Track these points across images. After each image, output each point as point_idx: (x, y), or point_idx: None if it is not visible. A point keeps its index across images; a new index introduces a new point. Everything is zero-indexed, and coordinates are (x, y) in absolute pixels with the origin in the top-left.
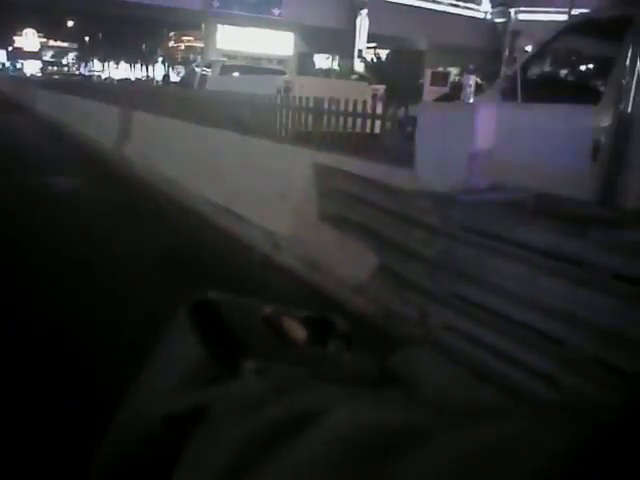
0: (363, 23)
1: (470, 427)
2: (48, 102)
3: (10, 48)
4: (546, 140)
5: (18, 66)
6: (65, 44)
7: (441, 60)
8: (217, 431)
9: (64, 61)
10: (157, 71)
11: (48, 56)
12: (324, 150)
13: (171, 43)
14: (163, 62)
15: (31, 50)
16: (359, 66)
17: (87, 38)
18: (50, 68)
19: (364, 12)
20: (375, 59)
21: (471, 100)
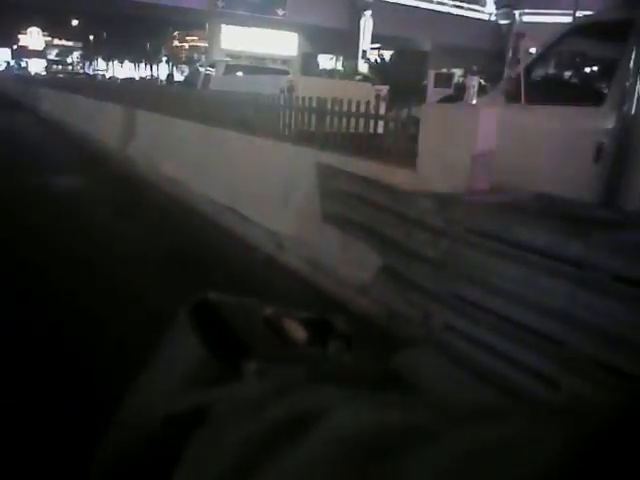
0: (367, 24)
1: (470, 427)
2: (52, 101)
3: (15, 47)
4: (549, 142)
5: (23, 65)
6: (70, 43)
7: (445, 61)
8: (218, 432)
9: (69, 60)
10: (161, 70)
11: (53, 55)
12: (327, 150)
13: (175, 42)
14: (167, 61)
15: (36, 49)
16: (363, 67)
17: (92, 37)
18: (55, 67)
19: (368, 13)
20: (379, 60)
21: (474, 101)
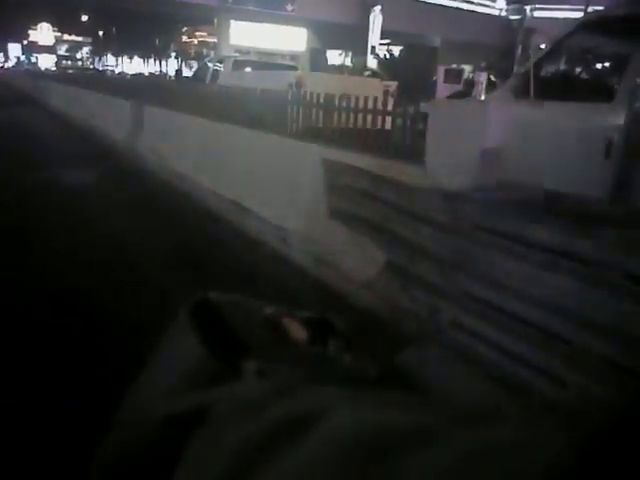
0: (376, 19)
1: (471, 428)
2: (62, 96)
3: (25, 42)
4: (559, 138)
5: (33, 60)
6: (79, 38)
7: (455, 57)
8: (218, 432)
9: (78, 55)
10: (170, 66)
11: (62, 50)
12: (334, 146)
13: (184, 38)
14: (176, 57)
15: (46, 44)
16: (372, 62)
17: (101, 33)
18: (64, 62)
19: (377, 8)
20: (388, 55)
21: (482, 97)
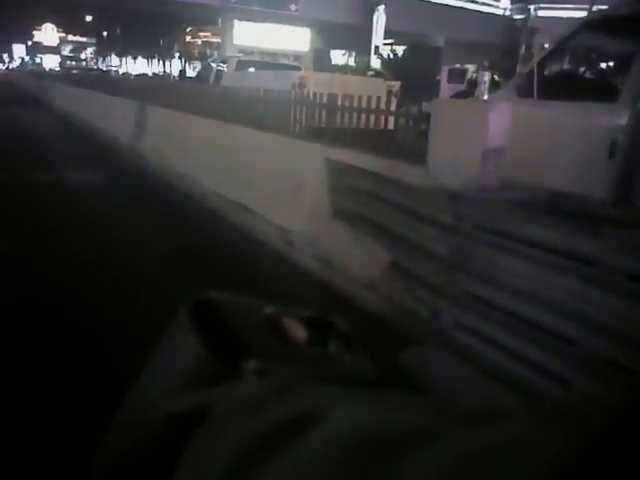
0: (380, 19)
1: (472, 428)
2: (66, 97)
3: (29, 43)
4: (562, 138)
5: (37, 61)
6: (84, 39)
7: (458, 57)
8: (218, 432)
9: (82, 56)
10: (174, 66)
11: (67, 51)
12: (337, 146)
13: (188, 38)
14: (180, 57)
15: (50, 45)
16: (375, 62)
17: (105, 33)
18: (69, 63)
19: (381, 8)
20: (392, 55)
21: (485, 97)
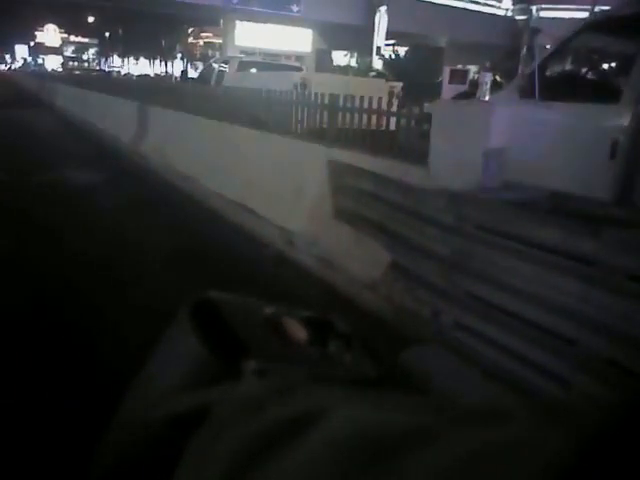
0: (382, 20)
1: (472, 428)
2: (68, 98)
3: (32, 43)
4: (563, 139)
5: (39, 61)
6: (86, 40)
7: (460, 58)
8: (218, 432)
9: (85, 57)
10: (176, 67)
11: (69, 51)
12: (339, 147)
13: (190, 39)
14: (182, 58)
15: (52, 46)
16: (377, 63)
17: (107, 34)
18: (71, 63)
19: (383, 9)
20: (393, 56)
21: (487, 98)
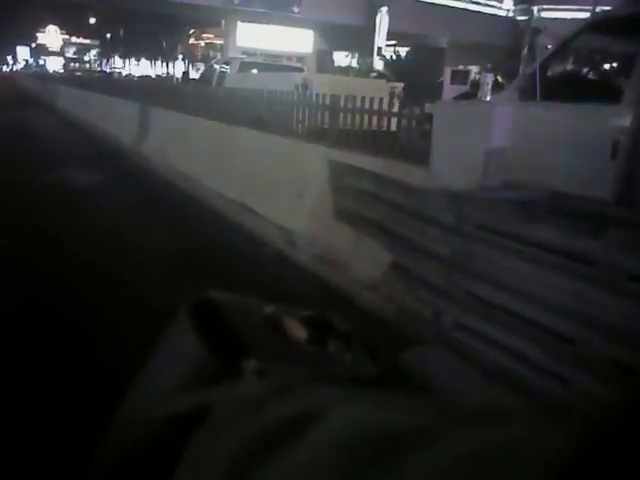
0: (383, 20)
1: (472, 428)
2: (69, 99)
3: (33, 45)
4: (564, 139)
5: (41, 63)
6: (87, 41)
7: (462, 58)
8: (218, 431)
9: (86, 58)
10: (177, 68)
11: (70, 53)
12: (340, 147)
13: (191, 40)
14: (183, 59)
15: (54, 47)
16: (378, 64)
17: (109, 35)
18: (72, 65)
19: (384, 9)
20: (395, 57)
21: (488, 98)
